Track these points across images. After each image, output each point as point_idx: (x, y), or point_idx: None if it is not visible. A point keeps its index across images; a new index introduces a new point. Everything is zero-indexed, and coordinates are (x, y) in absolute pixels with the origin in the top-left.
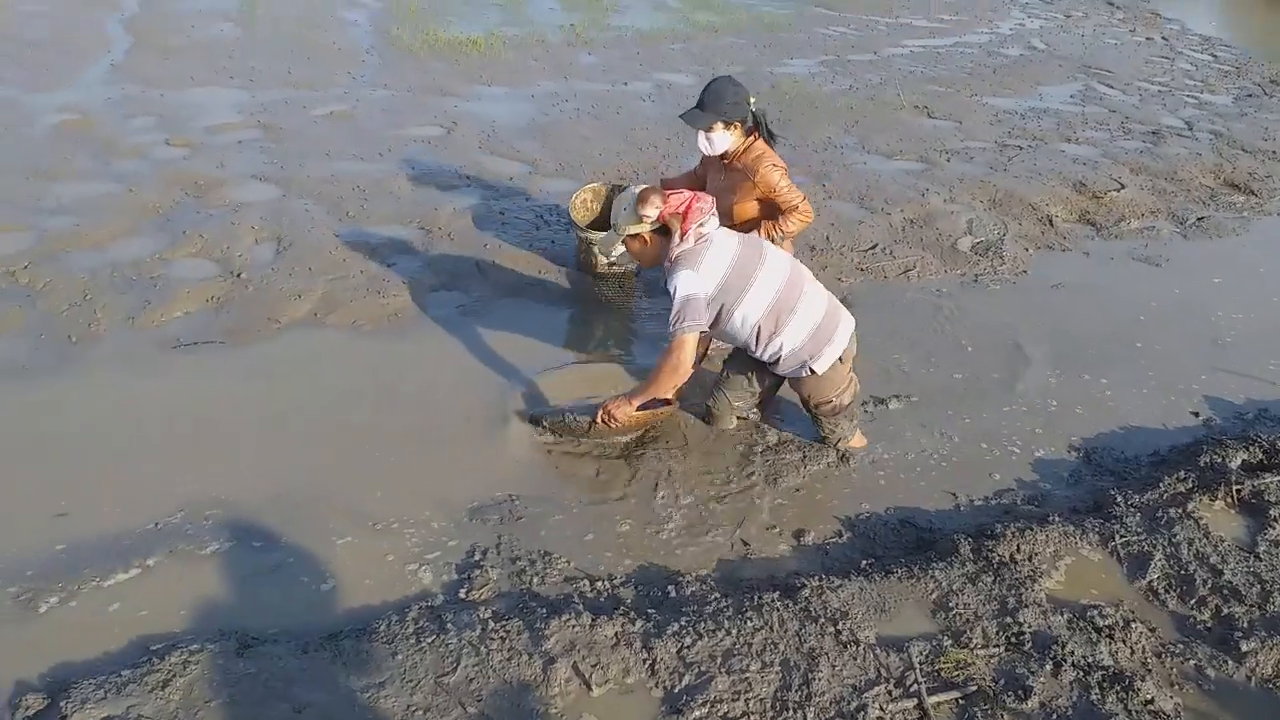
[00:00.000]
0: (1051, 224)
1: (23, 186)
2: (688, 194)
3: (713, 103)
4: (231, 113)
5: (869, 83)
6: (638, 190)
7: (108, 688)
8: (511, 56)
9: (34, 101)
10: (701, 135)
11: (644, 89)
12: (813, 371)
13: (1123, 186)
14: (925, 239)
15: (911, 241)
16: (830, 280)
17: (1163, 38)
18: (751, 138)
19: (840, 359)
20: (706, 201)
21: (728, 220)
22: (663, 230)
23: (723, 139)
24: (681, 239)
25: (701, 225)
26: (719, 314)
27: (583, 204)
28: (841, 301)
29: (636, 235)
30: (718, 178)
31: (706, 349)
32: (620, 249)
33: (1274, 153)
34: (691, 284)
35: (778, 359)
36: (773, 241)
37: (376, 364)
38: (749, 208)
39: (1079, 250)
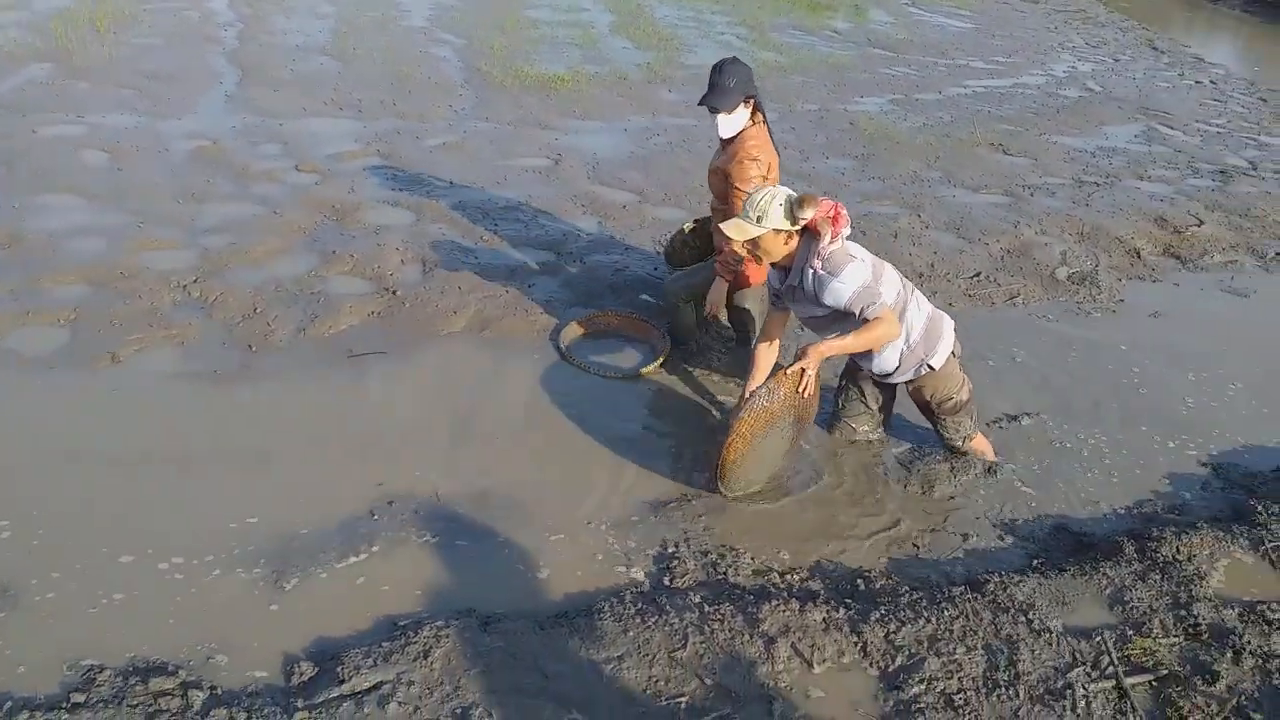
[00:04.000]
0: (1139, 256)
1: (176, 207)
2: (831, 202)
3: (737, 82)
4: (349, 141)
5: (941, 120)
6: (796, 194)
7: (375, 656)
8: (598, 93)
9: (166, 128)
10: (723, 118)
11: None
12: (931, 368)
13: (1201, 223)
14: (1024, 268)
15: (1012, 270)
16: (942, 305)
17: (1211, 81)
18: (754, 118)
19: (953, 353)
20: (846, 211)
21: (722, 202)
22: (802, 232)
23: (741, 116)
24: (832, 240)
25: (846, 231)
26: None
27: (683, 244)
28: (960, 327)
29: (781, 231)
30: (717, 158)
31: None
32: (746, 237)
33: None
34: (860, 273)
35: (898, 363)
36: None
37: (534, 375)
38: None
39: (1169, 281)
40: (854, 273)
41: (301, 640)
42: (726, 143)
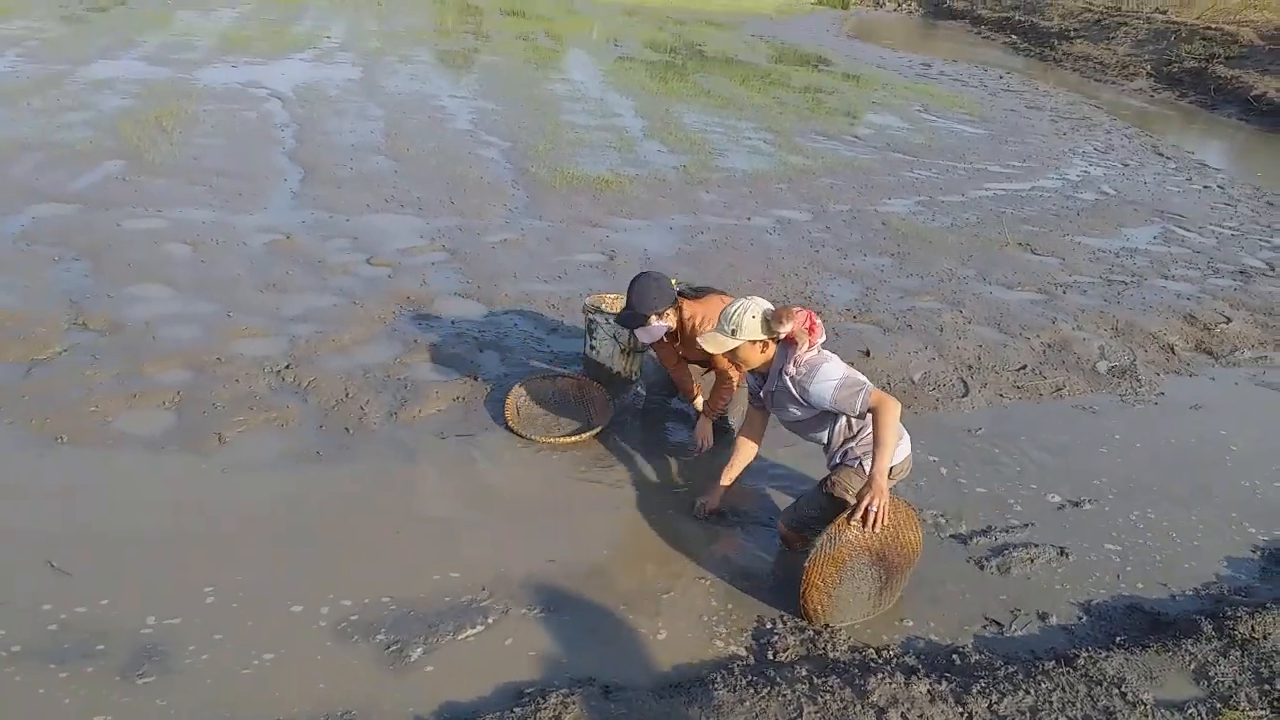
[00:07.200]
0: (1174, 352)
1: (261, 297)
2: (807, 311)
3: (639, 302)
4: (415, 237)
5: (968, 221)
6: (772, 308)
7: None
8: (641, 193)
9: (240, 222)
10: (640, 332)
11: (766, 223)
12: (864, 468)
13: (1229, 320)
14: (1066, 362)
15: (1055, 364)
16: (992, 396)
17: (1218, 186)
18: (684, 310)
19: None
20: (820, 321)
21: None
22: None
23: (659, 326)
24: (809, 349)
25: (821, 339)
26: None
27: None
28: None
29: (756, 342)
30: (688, 349)
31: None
32: (723, 350)
33: None
34: (835, 369)
35: (853, 446)
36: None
37: (610, 457)
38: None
39: (1204, 376)
40: (830, 371)
41: (433, 705)
42: (686, 339)
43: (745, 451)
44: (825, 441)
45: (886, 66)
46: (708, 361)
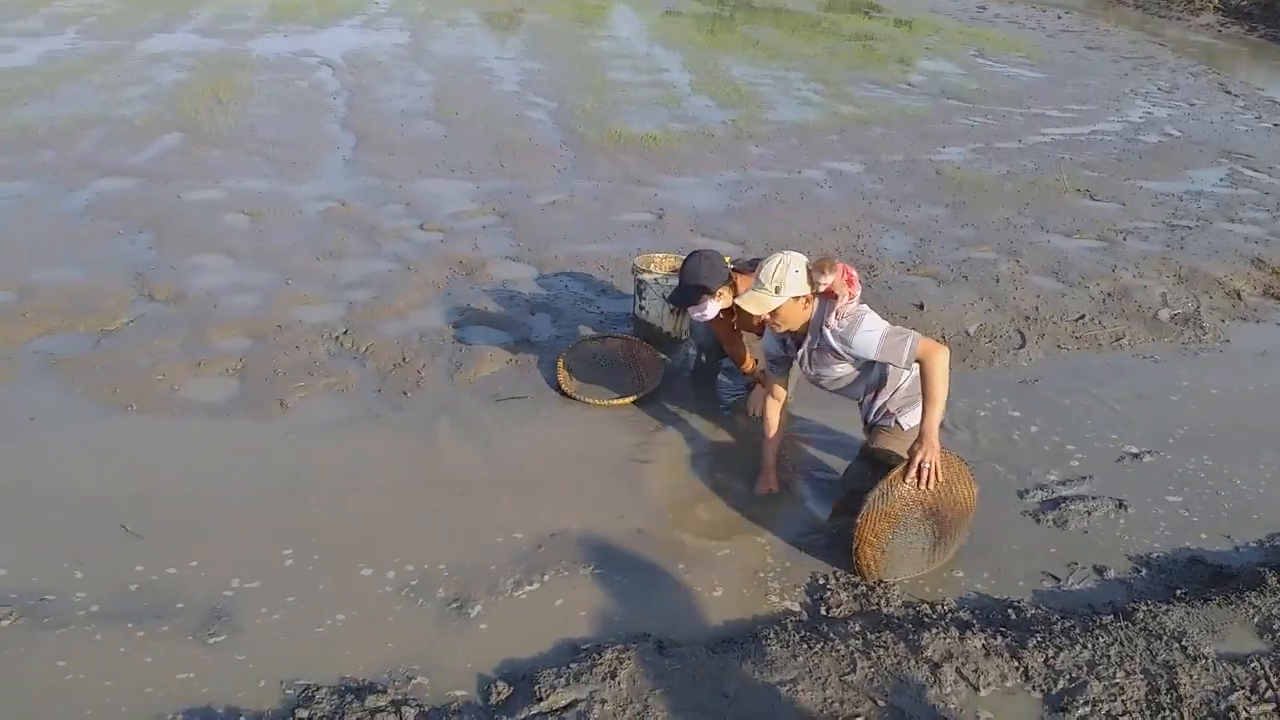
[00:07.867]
0: (1240, 298)
1: (317, 264)
2: (842, 264)
3: (691, 282)
4: (466, 201)
5: (1025, 168)
6: (812, 260)
7: (567, 676)
8: (689, 149)
9: (296, 191)
10: (693, 310)
11: (817, 176)
12: (899, 425)
13: None
14: (1127, 310)
15: (1115, 313)
16: (1050, 347)
17: None
18: (739, 286)
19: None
20: (856, 272)
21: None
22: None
23: (713, 306)
24: (849, 300)
25: (859, 292)
26: None
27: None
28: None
29: (799, 298)
30: (744, 322)
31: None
32: (767, 310)
33: None
34: (879, 320)
35: (887, 402)
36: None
37: (673, 416)
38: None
39: (1272, 322)
40: (872, 322)
41: (492, 662)
42: (729, 312)
43: (776, 421)
44: (860, 399)
45: (939, 10)
46: (763, 329)
